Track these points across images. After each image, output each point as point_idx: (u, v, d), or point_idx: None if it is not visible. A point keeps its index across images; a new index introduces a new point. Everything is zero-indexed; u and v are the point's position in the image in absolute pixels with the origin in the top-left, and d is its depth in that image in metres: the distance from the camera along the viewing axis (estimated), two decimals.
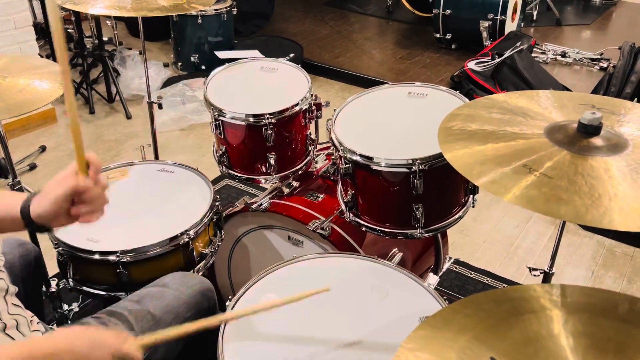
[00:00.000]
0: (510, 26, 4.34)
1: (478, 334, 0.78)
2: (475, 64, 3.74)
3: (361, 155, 1.45)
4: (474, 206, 1.61)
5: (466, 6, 4.32)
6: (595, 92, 3.42)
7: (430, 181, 1.44)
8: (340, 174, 1.55)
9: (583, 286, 0.86)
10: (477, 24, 4.25)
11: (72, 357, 0.93)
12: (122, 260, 1.42)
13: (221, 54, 3.38)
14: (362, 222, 1.56)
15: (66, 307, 1.83)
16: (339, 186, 1.63)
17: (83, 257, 1.45)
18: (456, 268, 2.37)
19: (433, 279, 1.78)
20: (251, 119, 1.68)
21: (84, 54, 3.69)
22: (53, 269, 1.68)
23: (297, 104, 1.72)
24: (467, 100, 1.51)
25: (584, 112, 1.10)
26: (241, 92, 1.82)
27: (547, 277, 1.52)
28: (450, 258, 2.03)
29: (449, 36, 4.47)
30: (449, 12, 4.35)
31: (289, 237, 1.73)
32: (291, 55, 2.16)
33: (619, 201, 0.95)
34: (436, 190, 1.49)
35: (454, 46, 4.55)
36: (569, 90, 3.68)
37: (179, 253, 1.50)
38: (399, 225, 1.52)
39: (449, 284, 2.28)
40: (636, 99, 3.27)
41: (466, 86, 3.67)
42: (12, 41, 3.20)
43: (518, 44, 3.82)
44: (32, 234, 1.76)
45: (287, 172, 1.79)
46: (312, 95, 1.79)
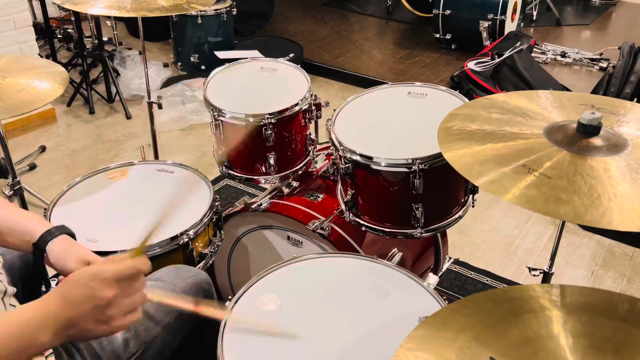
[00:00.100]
0: (510, 26, 4.34)
1: (477, 333, 0.78)
2: (475, 64, 3.74)
3: (361, 155, 1.45)
4: (473, 206, 1.61)
5: (466, 6, 4.32)
6: (594, 92, 3.42)
7: (430, 181, 1.44)
8: (340, 173, 1.55)
9: (582, 286, 0.86)
10: (476, 24, 4.25)
11: (71, 313, 0.83)
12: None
13: (221, 54, 3.38)
14: (361, 222, 1.56)
15: None
16: (339, 186, 1.63)
17: None
18: (456, 268, 2.37)
19: (433, 278, 1.78)
20: (251, 119, 1.68)
21: (83, 54, 3.69)
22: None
23: (296, 104, 1.72)
24: (466, 100, 1.51)
25: (583, 112, 1.10)
26: (241, 92, 1.82)
27: (547, 277, 1.52)
28: (450, 258, 2.03)
29: (448, 36, 4.47)
30: (448, 12, 4.35)
31: (288, 237, 1.73)
32: (291, 55, 2.17)
33: (618, 201, 0.95)
34: (436, 190, 1.49)
35: (453, 46, 4.55)
36: (568, 90, 3.68)
37: (178, 253, 1.50)
38: (398, 225, 1.52)
39: (448, 284, 2.28)
40: (636, 99, 3.27)
41: (466, 86, 3.67)
42: (12, 41, 3.20)
43: (518, 44, 3.82)
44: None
45: (287, 172, 1.80)
46: (311, 95, 1.79)
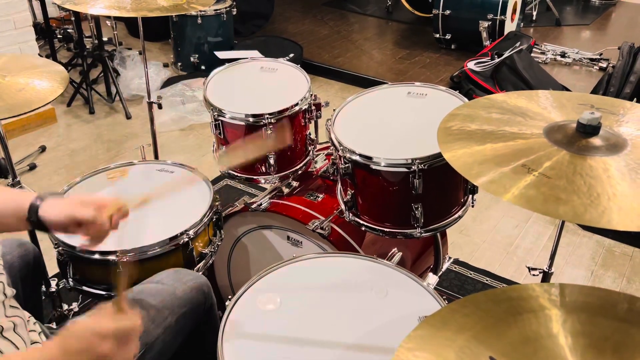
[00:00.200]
0: (510, 26, 4.35)
1: (477, 333, 0.78)
2: (475, 64, 3.74)
3: (361, 155, 1.45)
4: (473, 206, 1.61)
5: (466, 6, 4.33)
6: (594, 92, 3.43)
7: (430, 181, 1.44)
8: (339, 173, 1.56)
9: (582, 285, 0.86)
10: (476, 24, 4.25)
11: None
12: (122, 260, 1.42)
13: (221, 54, 3.39)
14: (361, 221, 1.56)
15: (66, 307, 1.83)
16: (339, 186, 1.63)
17: (83, 257, 1.45)
18: (455, 268, 2.37)
19: (432, 278, 1.78)
20: (251, 119, 1.68)
21: (83, 54, 3.69)
22: (53, 269, 1.68)
23: (296, 104, 1.72)
24: (466, 100, 1.52)
25: (583, 112, 1.10)
26: (241, 92, 1.82)
27: (546, 276, 1.52)
28: (450, 258, 2.03)
29: (448, 36, 4.47)
30: (448, 12, 4.35)
31: (288, 237, 1.73)
32: (291, 55, 2.17)
33: (617, 201, 0.95)
34: (435, 190, 1.49)
35: (453, 46, 4.55)
36: (568, 90, 3.68)
37: (178, 253, 1.50)
38: (398, 224, 1.53)
39: (448, 284, 2.28)
40: (635, 99, 3.27)
41: (465, 86, 3.67)
42: (12, 41, 3.20)
43: (517, 44, 3.82)
44: (31, 233, 1.77)
45: (287, 172, 1.80)
46: (311, 96, 1.79)
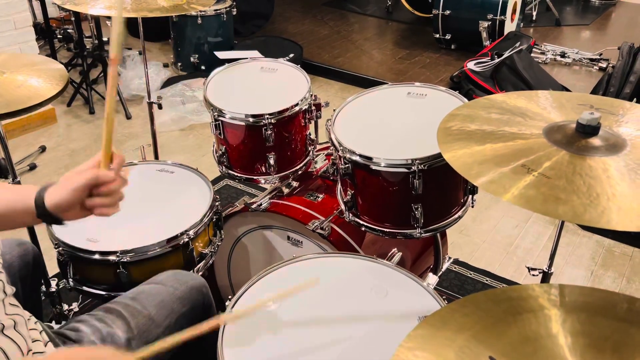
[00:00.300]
0: (510, 26, 4.35)
1: (476, 333, 0.78)
2: (475, 64, 3.75)
3: (361, 155, 1.45)
4: (473, 206, 1.61)
5: (465, 6, 4.33)
6: (594, 92, 3.43)
7: (430, 181, 1.44)
8: (339, 174, 1.56)
9: (581, 286, 0.86)
10: (476, 24, 4.25)
11: None
12: (122, 260, 1.42)
13: (221, 55, 3.38)
14: (361, 222, 1.56)
15: (66, 307, 1.83)
16: (339, 186, 1.63)
17: (83, 257, 1.45)
18: (455, 268, 2.37)
19: (432, 278, 1.78)
20: (251, 119, 1.68)
21: (83, 54, 3.69)
22: (53, 269, 1.68)
23: (296, 104, 1.72)
24: (466, 101, 1.52)
25: (582, 113, 1.10)
26: (241, 93, 1.82)
27: (546, 276, 1.52)
28: (450, 258, 2.03)
29: (448, 36, 4.47)
30: (448, 12, 4.35)
31: (288, 237, 1.73)
32: (291, 55, 2.17)
33: (617, 201, 0.95)
34: (435, 190, 1.49)
35: (453, 46, 4.55)
36: (568, 90, 3.68)
37: (178, 253, 1.50)
38: (398, 225, 1.53)
39: (448, 284, 2.29)
40: (635, 99, 3.27)
41: (465, 86, 3.67)
42: (12, 41, 3.20)
43: (517, 44, 3.82)
44: (31, 233, 1.77)
45: (287, 172, 1.80)
46: (311, 96, 1.79)
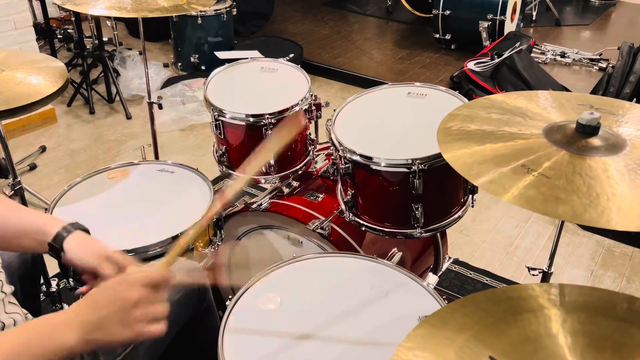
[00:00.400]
0: (510, 26, 4.35)
1: (476, 333, 0.78)
2: (475, 64, 3.75)
3: (361, 155, 1.45)
4: (473, 206, 1.61)
5: (465, 6, 4.33)
6: (594, 92, 3.43)
7: (430, 181, 1.44)
8: (339, 173, 1.56)
9: (581, 285, 0.86)
10: (476, 24, 4.25)
11: (98, 315, 0.88)
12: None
13: (221, 55, 3.38)
14: (361, 221, 1.56)
15: (66, 307, 1.83)
16: (339, 186, 1.63)
17: None
18: (455, 268, 2.38)
19: (432, 278, 1.78)
20: (251, 119, 1.68)
21: (84, 54, 3.70)
22: (53, 269, 1.69)
23: (296, 104, 1.73)
24: (466, 101, 1.52)
25: (582, 113, 1.10)
26: (241, 93, 1.82)
27: (546, 276, 1.52)
28: (450, 258, 2.03)
29: (448, 36, 4.47)
30: (448, 12, 4.36)
31: (288, 237, 1.73)
32: (291, 55, 2.17)
33: (617, 201, 0.95)
34: (435, 190, 1.49)
35: (453, 46, 4.55)
36: (568, 90, 3.68)
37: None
38: (398, 225, 1.53)
39: (448, 284, 2.29)
40: (635, 99, 3.27)
41: (465, 86, 3.67)
42: (12, 41, 3.21)
43: (517, 44, 3.82)
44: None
45: (287, 172, 1.80)
46: (311, 96, 1.79)
